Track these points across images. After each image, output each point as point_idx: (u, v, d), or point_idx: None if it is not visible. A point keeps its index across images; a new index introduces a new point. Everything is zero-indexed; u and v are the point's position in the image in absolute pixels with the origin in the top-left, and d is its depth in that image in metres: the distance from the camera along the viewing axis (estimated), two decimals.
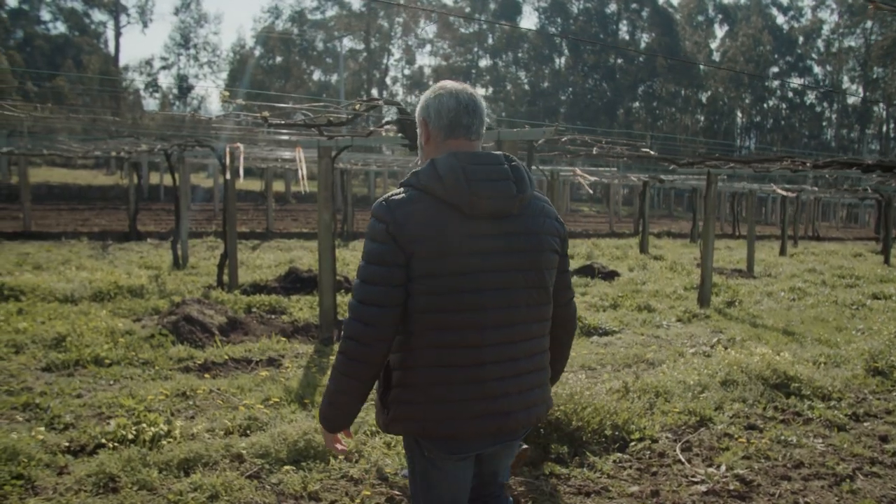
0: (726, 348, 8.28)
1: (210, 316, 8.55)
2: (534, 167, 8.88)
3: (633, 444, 5.43)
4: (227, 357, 7.43)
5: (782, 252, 23.37)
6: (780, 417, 6.19)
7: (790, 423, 6.08)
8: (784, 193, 19.43)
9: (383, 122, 7.35)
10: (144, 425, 4.92)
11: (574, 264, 16.67)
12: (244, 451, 4.79)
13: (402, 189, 2.46)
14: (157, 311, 9.30)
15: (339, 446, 2.71)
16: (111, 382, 6.49)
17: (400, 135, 7.12)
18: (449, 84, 2.59)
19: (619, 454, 5.27)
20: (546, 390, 2.68)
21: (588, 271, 15.05)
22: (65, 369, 6.81)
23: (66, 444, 4.89)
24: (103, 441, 4.84)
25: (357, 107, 6.84)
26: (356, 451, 4.97)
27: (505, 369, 2.49)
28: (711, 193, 11.33)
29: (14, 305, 9.19)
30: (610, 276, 14.92)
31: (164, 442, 4.86)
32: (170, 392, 6.09)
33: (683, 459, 5.22)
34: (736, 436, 5.70)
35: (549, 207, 2.63)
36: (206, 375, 6.81)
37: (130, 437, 4.85)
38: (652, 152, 9.16)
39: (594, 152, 9.73)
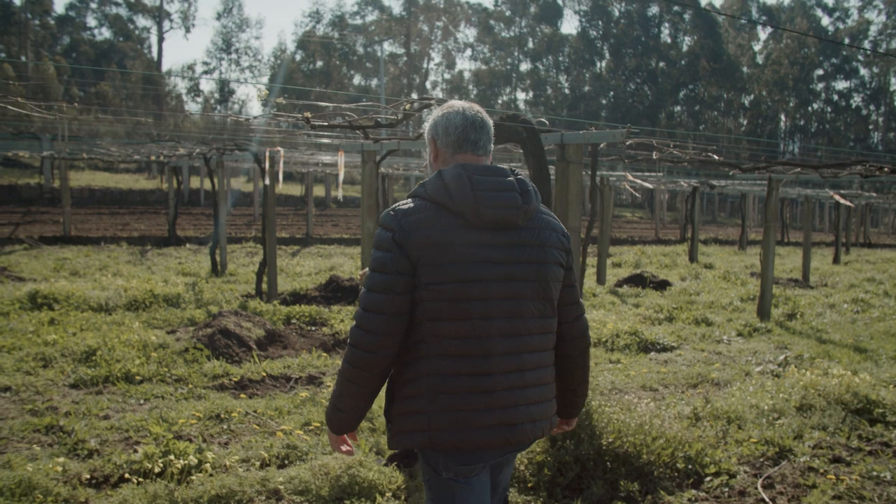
0: (797, 367, 7.69)
1: (247, 329, 8.15)
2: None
3: (708, 479, 4.91)
4: (264, 374, 7.01)
5: (836, 260, 22.53)
6: (867, 448, 5.63)
7: (879, 455, 5.52)
8: (844, 202, 18.57)
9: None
10: (172, 457, 4.46)
11: (622, 273, 16.11)
12: (282, 487, 4.35)
13: (409, 199, 2.49)
14: (192, 322, 8.94)
15: (344, 448, 2.70)
16: (141, 402, 6.09)
17: None
18: (457, 103, 2.63)
19: (694, 491, 4.76)
20: (551, 407, 2.63)
21: (638, 280, 14.44)
22: (93, 386, 6.44)
23: (88, 475, 4.47)
24: (127, 475, 4.42)
25: (407, 107, 6.35)
26: (402, 488, 4.50)
27: (513, 380, 2.47)
28: (773, 200, 10.69)
29: (46, 315, 8.89)
30: (661, 285, 14.30)
31: (193, 476, 4.42)
32: (203, 414, 5.68)
33: (767, 499, 4.68)
34: (821, 470, 5.14)
35: (556, 222, 2.63)
36: (242, 395, 6.39)
37: (157, 470, 4.41)
38: (716, 157, 8.59)
39: (654, 157, 9.20)
